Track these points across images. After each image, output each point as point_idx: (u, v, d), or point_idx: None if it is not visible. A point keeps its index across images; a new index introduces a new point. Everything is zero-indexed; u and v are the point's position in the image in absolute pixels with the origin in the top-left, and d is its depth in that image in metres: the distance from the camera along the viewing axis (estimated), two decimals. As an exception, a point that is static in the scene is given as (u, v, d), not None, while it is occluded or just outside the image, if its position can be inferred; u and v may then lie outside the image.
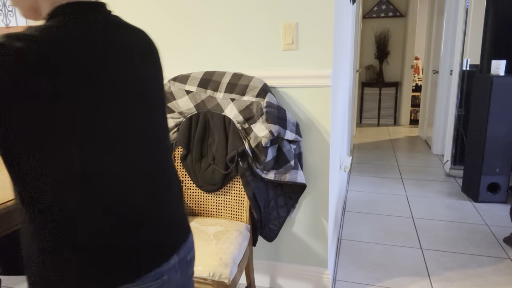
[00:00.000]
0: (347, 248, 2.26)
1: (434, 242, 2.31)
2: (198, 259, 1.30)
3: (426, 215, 2.69)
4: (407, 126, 5.91)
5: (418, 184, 3.33)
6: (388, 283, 1.90)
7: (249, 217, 1.59)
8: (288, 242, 1.81)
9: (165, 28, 1.74)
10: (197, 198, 1.68)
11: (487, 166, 2.84)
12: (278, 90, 1.64)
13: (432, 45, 4.57)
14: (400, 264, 2.07)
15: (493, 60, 2.83)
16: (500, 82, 2.69)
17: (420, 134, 5.17)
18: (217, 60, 1.70)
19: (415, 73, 6.14)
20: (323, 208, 1.73)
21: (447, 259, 2.11)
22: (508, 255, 2.14)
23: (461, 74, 3.35)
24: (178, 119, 1.63)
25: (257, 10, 1.60)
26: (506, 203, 2.85)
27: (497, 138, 2.78)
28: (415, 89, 5.98)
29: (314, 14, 1.53)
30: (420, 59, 6.34)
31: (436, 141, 4.27)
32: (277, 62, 1.62)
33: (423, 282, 1.91)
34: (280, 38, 1.59)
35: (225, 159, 1.56)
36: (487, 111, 2.75)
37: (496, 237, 2.35)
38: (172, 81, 1.62)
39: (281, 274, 1.85)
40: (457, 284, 1.89)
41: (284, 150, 1.55)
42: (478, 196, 2.89)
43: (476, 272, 1.98)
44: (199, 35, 1.70)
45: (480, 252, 2.18)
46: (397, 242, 2.32)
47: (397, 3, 5.75)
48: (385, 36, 5.86)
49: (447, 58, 3.95)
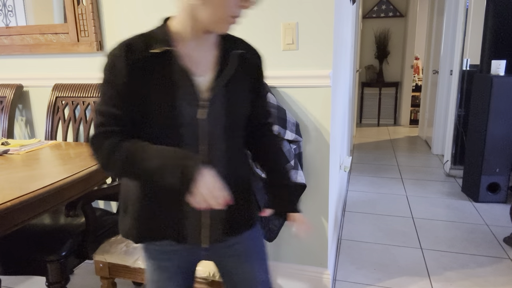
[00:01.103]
0: (347, 248, 2.26)
1: (434, 242, 2.31)
2: (198, 259, 1.30)
3: (426, 215, 2.69)
4: (407, 126, 5.91)
5: (418, 184, 3.33)
6: (388, 283, 1.90)
7: (249, 217, 1.59)
8: (288, 242, 1.81)
9: (165, 28, 1.74)
10: (197, 198, 1.68)
11: (487, 166, 2.84)
12: (278, 90, 1.64)
13: (432, 45, 4.57)
14: (400, 264, 2.07)
15: (493, 60, 2.83)
16: (500, 82, 2.69)
17: (420, 134, 5.17)
18: (217, 60, 1.70)
19: (415, 73, 6.14)
20: (323, 208, 1.73)
21: (447, 259, 2.11)
22: (508, 255, 2.14)
23: (461, 74, 3.35)
24: (178, 119, 1.63)
25: (257, 10, 1.60)
26: (506, 203, 2.85)
27: (497, 138, 2.78)
28: (415, 89, 5.98)
29: (314, 14, 1.53)
30: (420, 59, 6.34)
31: (436, 141, 4.27)
32: (277, 62, 1.62)
33: (423, 282, 1.91)
34: (280, 38, 1.59)
35: (225, 159, 1.55)
36: (487, 111, 2.75)
37: (496, 237, 2.35)
38: (172, 81, 1.62)
39: (281, 274, 1.85)
40: (457, 284, 1.89)
41: (284, 150, 1.55)
42: (478, 196, 2.89)
43: (476, 272, 1.98)
44: (199, 35, 1.70)
45: (480, 252, 2.17)
46: (397, 242, 2.32)
47: (397, 3, 5.75)
48: (385, 36, 5.86)
49: (447, 58, 3.95)
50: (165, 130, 0.81)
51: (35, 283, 1.95)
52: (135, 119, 0.81)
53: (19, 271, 1.43)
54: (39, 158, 1.41)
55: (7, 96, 1.99)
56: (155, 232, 0.88)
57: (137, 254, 1.37)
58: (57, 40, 1.90)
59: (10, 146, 1.57)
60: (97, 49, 1.83)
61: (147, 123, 0.81)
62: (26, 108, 2.09)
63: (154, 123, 0.81)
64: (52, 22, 1.90)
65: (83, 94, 1.85)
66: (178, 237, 0.88)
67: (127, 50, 0.79)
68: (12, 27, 1.96)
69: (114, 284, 1.47)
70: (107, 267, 1.41)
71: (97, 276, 1.45)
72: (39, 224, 1.55)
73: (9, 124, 1.98)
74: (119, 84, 0.79)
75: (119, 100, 0.80)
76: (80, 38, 1.85)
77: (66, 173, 1.19)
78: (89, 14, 1.79)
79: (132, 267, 1.37)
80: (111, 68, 0.79)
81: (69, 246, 1.42)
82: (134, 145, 0.79)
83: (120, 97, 0.79)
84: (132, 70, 0.78)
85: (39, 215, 1.10)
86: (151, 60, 0.79)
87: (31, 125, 2.12)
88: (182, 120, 0.81)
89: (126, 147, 0.79)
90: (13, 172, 1.22)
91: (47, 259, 1.36)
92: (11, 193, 1.01)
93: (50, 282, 1.38)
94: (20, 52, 1.97)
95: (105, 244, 1.45)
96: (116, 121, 0.81)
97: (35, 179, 1.13)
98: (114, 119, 0.81)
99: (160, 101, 0.79)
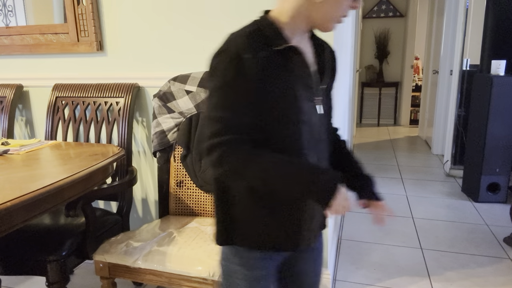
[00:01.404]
0: (347, 248, 2.26)
1: (434, 242, 2.31)
2: (198, 259, 1.30)
3: (426, 215, 2.69)
4: (407, 126, 5.91)
5: (418, 184, 3.33)
6: (388, 283, 1.90)
7: (249, 217, 1.59)
8: (288, 242, 1.81)
9: (165, 28, 1.74)
10: (197, 198, 1.68)
11: (487, 166, 2.84)
12: (278, 90, 1.64)
13: (432, 45, 4.57)
14: (400, 264, 2.07)
15: (493, 60, 2.83)
16: (500, 82, 2.69)
17: (420, 134, 5.17)
18: (217, 60, 1.70)
19: (415, 73, 6.14)
20: (323, 208, 1.72)
21: (447, 259, 2.11)
22: (508, 255, 2.14)
23: (461, 74, 3.35)
24: (178, 119, 1.63)
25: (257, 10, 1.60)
26: (506, 203, 2.85)
27: (497, 138, 2.78)
28: (415, 89, 5.98)
29: (314, 14, 1.53)
30: (420, 59, 6.34)
31: (436, 141, 4.27)
32: (277, 62, 1.62)
33: (423, 282, 1.91)
34: (280, 38, 1.59)
35: (225, 159, 1.55)
36: (487, 111, 2.75)
37: (496, 237, 2.34)
38: (172, 81, 1.62)
39: (281, 274, 1.84)
40: (457, 284, 1.89)
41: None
42: (478, 196, 2.89)
43: (476, 272, 1.98)
44: (199, 35, 1.70)
45: (480, 252, 2.17)
46: (397, 242, 2.32)
47: (397, 3, 5.75)
48: (385, 36, 5.86)
49: (447, 58, 3.95)
50: (285, 129, 0.79)
51: (35, 283, 1.95)
52: (256, 122, 0.78)
53: (19, 271, 1.43)
54: (39, 158, 1.41)
55: (7, 96, 1.99)
56: (284, 238, 0.87)
57: (137, 254, 1.37)
58: (57, 40, 1.90)
59: (10, 146, 1.57)
60: (97, 49, 1.83)
61: (269, 125, 0.79)
62: (26, 108, 2.09)
63: (275, 123, 0.79)
64: (52, 22, 1.90)
65: (83, 94, 1.85)
66: (297, 241, 0.88)
67: (253, 49, 0.75)
68: (12, 27, 1.96)
69: (114, 284, 1.47)
70: (107, 267, 1.41)
71: (97, 276, 1.45)
72: (39, 224, 1.55)
73: (9, 124, 1.98)
74: (247, 86, 0.74)
75: (244, 104, 0.75)
76: (80, 38, 1.85)
77: (66, 173, 1.19)
78: (89, 14, 1.79)
79: (132, 267, 1.37)
80: (236, 69, 0.73)
81: (69, 246, 1.42)
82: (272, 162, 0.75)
83: (245, 100, 0.75)
84: (262, 70, 0.75)
85: (39, 215, 1.10)
86: (275, 57, 0.77)
87: (31, 125, 2.12)
88: (303, 117, 0.80)
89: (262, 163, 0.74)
90: (13, 172, 1.22)
91: (47, 259, 1.36)
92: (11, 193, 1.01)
93: (50, 282, 1.38)
94: (20, 52, 1.97)
95: (105, 244, 1.45)
96: (241, 128, 0.75)
97: (35, 179, 1.13)
98: (239, 125, 0.75)
99: (285, 99, 0.78)
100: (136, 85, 1.81)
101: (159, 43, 1.77)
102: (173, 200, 1.71)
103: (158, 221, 1.62)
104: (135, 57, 1.82)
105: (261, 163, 0.74)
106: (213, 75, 0.76)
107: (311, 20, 0.81)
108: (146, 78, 1.82)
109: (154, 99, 1.65)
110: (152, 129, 1.67)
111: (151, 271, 1.35)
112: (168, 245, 1.38)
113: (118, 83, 1.82)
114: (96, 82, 1.87)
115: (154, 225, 1.57)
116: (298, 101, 0.80)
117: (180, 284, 1.33)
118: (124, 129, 1.75)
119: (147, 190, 1.99)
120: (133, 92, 1.78)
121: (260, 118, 0.77)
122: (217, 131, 0.74)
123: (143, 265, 1.35)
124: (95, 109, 1.83)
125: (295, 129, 0.81)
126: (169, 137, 1.66)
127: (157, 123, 1.66)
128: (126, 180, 1.65)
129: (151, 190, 1.98)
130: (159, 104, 1.64)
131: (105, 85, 1.83)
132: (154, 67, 1.81)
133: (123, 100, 1.77)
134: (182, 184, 1.69)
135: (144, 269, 1.36)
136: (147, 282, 1.38)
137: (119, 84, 1.81)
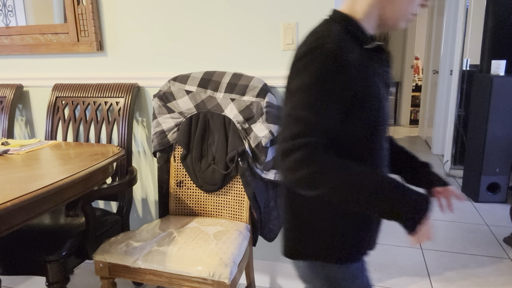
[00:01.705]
0: (347, 248, 2.25)
1: (434, 242, 2.31)
2: (198, 259, 1.30)
3: (426, 215, 2.69)
4: (407, 126, 5.91)
5: (418, 184, 3.33)
6: (388, 283, 1.90)
7: (249, 217, 1.59)
8: (288, 242, 1.81)
9: (165, 28, 1.74)
10: (197, 198, 1.68)
11: (487, 166, 2.84)
12: (278, 90, 1.64)
13: (432, 45, 4.57)
14: (400, 264, 2.07)
15: (493, 60, 2.83)
16: (500, 82, 2.69)
17: (420, 134, 5.17)
18: (217, 60, 1.70)
19: (415, 73, 6.14)
20: (323, 208, 1.72)
21: (447, 259, 2.11)
22: (508, 255, 2.14)
23: (461, 74, 3.35)
24: (178, 119, 1.63)
25: (257, 10, 1.60)
26: (506, 203, 2.85)
27: (497, 138, 2.78)
28: (415, 89, 5.98)
29: (314, 14, 1.53)
30: (420, 59, 6.33)
31: (436, 141, 4.27)
32: (277, 62, 1.62)
33: (423, 282, 1.91)
34: (280, 38, 1.59)
35: (225, 159, 1.56)
36: (487, 111, 2.75)
37: (496, 237, 2.34)
38: (172, 81, 1.62)
39: (281, 274, 1.84)
40: (457, 284, 1.89)
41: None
42: (478, 196, 2.89)
43: (476, 272, 1.98)
44: (199, 35, 1.70)
45: (480, 252, 2.17)
46: (397, 242, 2.32)
47: (397, 3, 5.74)
48: (385, 36, 5.86)
49: (447, 58, 3.95)
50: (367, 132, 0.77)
51: (35, 283, 1.95)
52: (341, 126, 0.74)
53: (19, 271, 1.43)
54: (39, 158, 1.41)
55: (7, 96, 1.99)
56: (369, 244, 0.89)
57: (137, 254, 1.37)
58: (57, 40, 1.90)
59: (10, 146, 1.57)
60: (97, 49, 1.83)
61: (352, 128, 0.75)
62: (26, 108, 2.09)
63: (360, 125, 0.75)
64: (52, 22, 1.90)
65: (83, 94, 1.85)
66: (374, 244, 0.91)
67: (347, 48, 0.72)
68: (12, 27, 1.96)
69: (114, 284, 1.47)
70: (107, 267, 1.41)
71: (97, 276, 1.45)
72: (39, 224, 1.55)
73: (9, 124, 1.98)
74: (342, 85, 0.70)
75: (333, 106, 0.70)
76: (80, 38, 1.85)
77: (66, 173, 1.19)
78: (89, 14, 1.79)
79: (132, 267, 1.37)
80: (333, 67, 0.69)
81: (69, 246, 1.42)
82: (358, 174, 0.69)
83: (335, 102, 0.70)
84: (356, 69, 0.72)
85: (39, 215, 1.10)
86: (365, 56, 0.76)
87: (31, 125, 2.12)
88: (386, 117, 0.79)
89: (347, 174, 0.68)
90: (13, 172, 1.22)
91: (47, 259, 1.36)
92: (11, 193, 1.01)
93: (50, 282, 1.38)
94: (20, 52, 1.97)
95: (105, 244, 1.45)
96: (326, 131, 0.70)
97: (35, 179, 1.13)
98: (325, 128, 0.70)
99: (373, 99, 0.76)
100: (136, 85, 1.81)
101: (159, 43, 1.77)
102: (173, 200, 1.71)
103: (158, 221, 1.62)
104: (135, 57, 1.82)
105: (347, 174, 0.68)
106: (302, 72, 0.71)
107: (383, 18, 0.81)
108: (146, 78, 1.82)
109: (154, 99, 1.65)
110: (152, 129, 1.67)
111: (151, 271, 1.35)
112: (168, 245, 1.38)
113: (118, 83, 1.82)
114: (96, 82, 1.87)
115: (154, 225, 1.57)
116: (382, 102, 0.77)
117: (180, 284, 1.33)
118: (124, 129, 1.75)
119: (147, 190, 1.99)
120: (133, 92, 1.78)
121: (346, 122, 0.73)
122: (300, 132, 0.68)
123: (143, 265, 1.35)
124: (95, 109, 1.83)
125: (378, 132, 0.78)
126: (169, 137, 1.66)
127: (157, 123, 1.66)
128: (126, 180, 1.65)
129: (151, 190, 1.98)
130: (159, 104, 1.64)
131: (105, 85, 1.83)
132: (154, 67, 1.81)
133: (123, 100, 1.77)
134: (182, 184, 1.69)
135: (144, 269, 1.36)
136: (147, 282, 1.38)
137: (119, 84, 1.81)
